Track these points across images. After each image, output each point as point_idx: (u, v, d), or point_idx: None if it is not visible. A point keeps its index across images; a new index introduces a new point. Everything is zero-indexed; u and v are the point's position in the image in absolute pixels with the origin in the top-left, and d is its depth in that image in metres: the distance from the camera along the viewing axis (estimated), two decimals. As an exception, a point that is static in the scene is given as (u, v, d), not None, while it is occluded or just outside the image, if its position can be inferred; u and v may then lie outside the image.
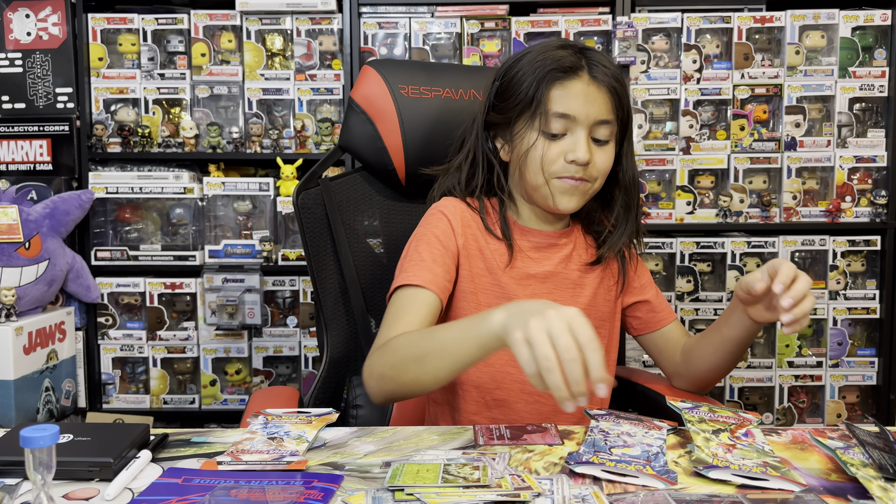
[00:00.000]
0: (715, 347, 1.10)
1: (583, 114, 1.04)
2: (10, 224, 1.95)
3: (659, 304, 1.21)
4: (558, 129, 1.05)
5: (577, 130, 1.05)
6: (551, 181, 1.06)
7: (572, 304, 1.04)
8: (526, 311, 0.75)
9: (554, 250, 1.14)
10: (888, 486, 0.73)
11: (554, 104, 1.04)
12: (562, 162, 1.05)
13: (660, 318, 1.20)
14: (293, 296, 2.23)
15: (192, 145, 2.18)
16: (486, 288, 1.10)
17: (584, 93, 1.04)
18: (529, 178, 1.08)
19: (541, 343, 0.71)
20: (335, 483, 0.75)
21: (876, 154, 2.15)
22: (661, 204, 2.17)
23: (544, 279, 1.12)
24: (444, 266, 1.06)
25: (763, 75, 2.14)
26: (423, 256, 1.06)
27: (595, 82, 1.05)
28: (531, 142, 1.06)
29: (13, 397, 1.89)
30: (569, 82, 1.04)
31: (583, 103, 1.04)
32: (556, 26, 2.14)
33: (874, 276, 2.18)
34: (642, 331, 1.22)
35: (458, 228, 1.10)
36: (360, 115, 1.31)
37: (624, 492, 0.74)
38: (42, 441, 0.59)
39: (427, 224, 1.12)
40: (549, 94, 1.04)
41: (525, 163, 1.08)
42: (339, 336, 1.32)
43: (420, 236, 1.10)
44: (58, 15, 2.14)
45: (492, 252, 1.11)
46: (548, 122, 1.04)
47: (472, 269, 1.10)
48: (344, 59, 2.16)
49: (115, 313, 2.22)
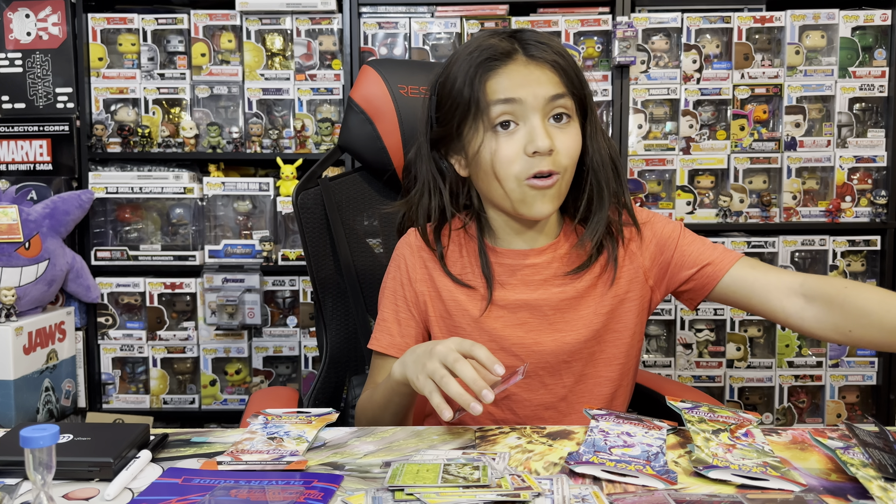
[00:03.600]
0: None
1: (529, 94, 0.94)
2: (10, 224, 1.95)
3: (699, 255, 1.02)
4: (505, 116, 0.94)
5: (530, 116, 0.95)
6: (519, 187, 0.96)
7: (564, 326, 1.03)
8: (417, 357, 0.88)
9: (531, 271, 1.04)
10: (888, 486, 0.73)
11: (492, 93, 0.95)
12: (523, 159, 0.94)
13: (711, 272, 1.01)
14: (293, 296, 2.23)
15: (192, 145, 2.18)
16: (461, 327, 1.05)
17: (524, 74, 0.95)
18: (491, 187, 0.99)
19: (431, 366, 0.84)
20: (335, 483, 0.75)
21: (876, 154, 2.15)
22: (661, 204, 2.17)
23: (517, 307, 1.03)
24: (403, 320, 1.08)
25: (763, 75, 2.14)
26: (385, 316, 1.09)
27: (534, 61, 0.95)
28: (479, 144, 0.96)
29: (13, 397, 1.89)
30: (503, 68, 0.95)
31: (524, 84, 0.94)
32: (556, 26, 2.14)
33: (874, 276, 2.18)
34: (699, 297, 1.04)
35: (416, 272, 1.07)
36: (359, 114, 1.31)
37: (624, 492, 0.74)
38: (42, 441, 0.59)
39: (388, 274, 1.12)
40: (485, 85, 0.95)
41: (480, 169, 0.98)
42: (338, 336, 1.32)
43: (383, 290, 1.11)
44: (58, 15, 2.14)
45: (450, 291, 1.05)
46: (489, 113, 0.95)
47: (436, 311, 1.07)
48: (344, 59, 2.16)
49: (115, 313, 2.22)
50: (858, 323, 0.92)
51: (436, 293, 1.07)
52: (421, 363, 0.86)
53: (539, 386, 1.05)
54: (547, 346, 1.03)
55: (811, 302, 0.96)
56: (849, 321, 0.93)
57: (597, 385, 1.06)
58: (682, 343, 2.18)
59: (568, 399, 1.06)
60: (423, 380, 0.85)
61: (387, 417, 1.00)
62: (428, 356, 0.85)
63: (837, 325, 0.94)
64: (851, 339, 0.94)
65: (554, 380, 1.05)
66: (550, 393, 1.05)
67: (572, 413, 1.06)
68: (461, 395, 0.80)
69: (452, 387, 0.81)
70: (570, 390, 1.05)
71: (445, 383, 0.82)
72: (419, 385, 0.86)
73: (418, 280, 1.07)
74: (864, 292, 0.94)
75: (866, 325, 0.91)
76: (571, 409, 1.06)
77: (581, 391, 1.06)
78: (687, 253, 1.04)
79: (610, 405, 1.07)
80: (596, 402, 1.06)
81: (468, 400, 0.80)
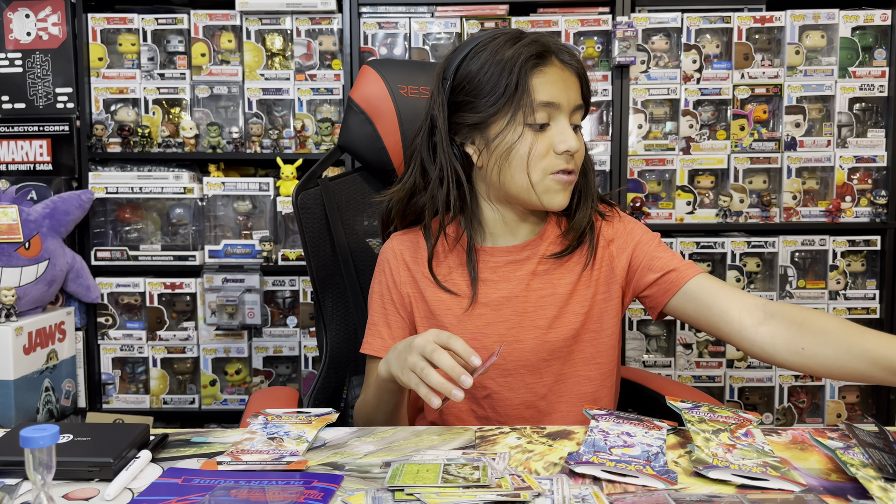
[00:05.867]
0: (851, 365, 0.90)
1: (565, 100, 1.00)
2: (10, 224, 1.95)
3: (666, 262, 1.05)
4: (543, 118, 1.00)
5: (560, 118, 1.01)
6: (544, 179, 1.01)
7: (545, 323, 1.06)
8: (399, 353, 0.91)
9: (515, 266, 1.07)
10: (888, 486, 0.73)
11: (537, 93, 0.99)
12: (552, 155, 1.00)
13: (674, 278, 1.03)
14: (293, 296, 2.23)
15: (192, 145, 2.18)
16: (445, 326, 1.07)
17: (562, 78, 1.00)
18: (514, 178, 1.01)
19: (412, 360, 0.87)
20: (335, 483, 0.75)
21: (876, 154, 2.15)
22: (661, 204, 2.17)
23: (500, 305, 1.06)
24: (393, 322, 1.11)
25: (763, 75, 2.14)
26: (375, 320, 1.12)
27: (567, 67, 1.01)
28: (516, 137, 0.99)
29: (13, 397, 1.88)
30: (546, 69, 1.00)
31: (563, 89, 1.00)
32: (555, 26, 2.14)
33: (874, 276, 2.18)
34: (660, 303, 1.06)
35: (400, 275, 1.11)
36: (359, 115, 1.31)
37: (624, 492, 0.74)
38: (42, 441, 0.59)
39: (374, 277, 1.15)
40: (532, 82, 0.99)
41: (509, 162, 1.01)
42: (338, 336, 1.32)
43: (371, 295, 1.14)
44: (58, 15, 2.14)
45: (434, 292, 1.08)
46: (534, 112, 0.99)
47: (421, 311, 1.10)
48: (344, 59, 2.16)
49: (115, 313, 2.22)
50: (814, 341, 0.92)
51: (419, 295, 1.10)
52: (402, 358, 0.89)
53: (520, 385, 1.07)
54: (528, 343, 1.06)
55: (771, 318, 0.97)
56: (804, 339, 0.93)
57: (576, 384, 1.08)
58: (682, 343, 2.18)
59: (548, 398, 1.08)
60: (407, 374, 0.88)
61: (380, 416, 1.03)
62: (408, 350, 0.88)
63: (791, 342, 0.94)
64: (802, 357, 0.93)
65: (534, 378, 1.07)
66: (531, 391, 1.07)
67: (553, 413, 1.08)
68: (442, 384, 0.84)
69: (433, 377, 0.85)
70: (550, 389, 1.07)
71: (426, 374, 0.85)
72: (404, 380, 0.89)
73: (403, 283, 1.11)
74: (825, 317, 0.96)
75: (821, 343, 0.92)
76: (552, 408, 1.08)
77: (561, 390, 1.08)
78: (655, 257, 1.07)
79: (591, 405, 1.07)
80: (576, 402, 1.08)
81: (449, 388, 0.83)
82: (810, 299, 2.16)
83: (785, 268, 2.16)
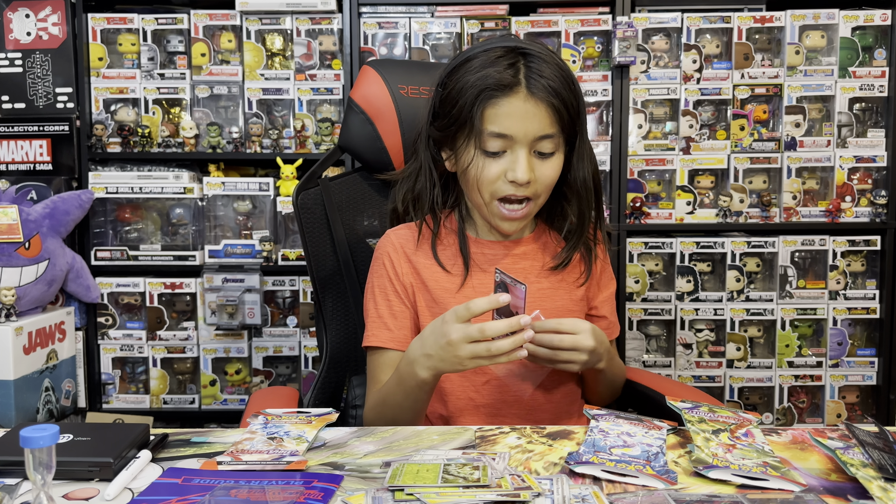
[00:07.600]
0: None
1: (521, 132, 1.00)
2: (10, 224, 1.95)
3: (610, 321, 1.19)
4: (496, 147, 1.02)
5: (517, 149, 1.01)
6: (492, 203, 1.05)
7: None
8: (441, 355, 0.93)
9: (510, 261, 1.13)
10: (888, 486, 0.73)
11: (489, 124, 1.01)
12: (502, 181, 1.02)
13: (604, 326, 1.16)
14: (293, 296, 2.23)
15: (192, 145, 2.18)
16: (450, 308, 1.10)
17: (522, 110, 1.00)
18: (471, 195, 1.08)
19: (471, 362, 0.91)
20: (335, 483, 0.75)
21: (876, 154, 2.15)
22: (661, 204, 2.17)
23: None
24: (398, 313, 1.12)
25: (763, 75, 2.14)
26: (380, 312, 1.12)
27: (533, 98, 1.00)
28: (469, 159, 1.03)
29: (13, 397, 1.88)
30: (504, 100, 1.00)
31: (520, 121, 1.00)
32: (555, 26, 2.14)
33: (874, 276, 2.18)
34: None
35: (402, 266, 1.13)
36: (359, 115, 1.31)
37: (624, 492, 0.74)
38: (42, 441, 0.59)
39: (373, 272, 1.16)
40: (484, 113, 1.00)
41: (465, 180, 1.07)
42: (338, 336, 1.32)
43: (370, 288, 1.15)
44: (58, 15, 2.14)
45: (437, 281, 1.11)
46: (484, 141, 1.02)
47: (424, 300, 1.12)
48: (344, 59, 2.16)
49: (115, 313, 2.22)
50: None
51: (421, 283, 1.12)
52: (452, 355, 0.92)
53: (520, 367, 1.12)
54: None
55: None
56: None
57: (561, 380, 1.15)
58: (682, 343, 2.18)
59: (545, 384, 1.13)
60: (474, 363, 0.92)
61: (407, 415, 1.03)
62: (449, 348, 0.91)
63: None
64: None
65: (528, 370, 1.12)
66: (531, 374, 1.12)
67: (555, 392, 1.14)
68: (514, 343, 0.89)
69: (504, 346, 0.89)
70: (549, 375, 1.13)
71: (497, 349, 0.89)
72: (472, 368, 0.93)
73: (405, 273, 1.13)
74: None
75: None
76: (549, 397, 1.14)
77: (559, 374, 1.13)
78: (601, 299, 1.19)
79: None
80: (573, 383, 1.16)
81: (521, 354, 0.90)
82: (810, 299, 2.16)
83: (785, 268, 2.16)
